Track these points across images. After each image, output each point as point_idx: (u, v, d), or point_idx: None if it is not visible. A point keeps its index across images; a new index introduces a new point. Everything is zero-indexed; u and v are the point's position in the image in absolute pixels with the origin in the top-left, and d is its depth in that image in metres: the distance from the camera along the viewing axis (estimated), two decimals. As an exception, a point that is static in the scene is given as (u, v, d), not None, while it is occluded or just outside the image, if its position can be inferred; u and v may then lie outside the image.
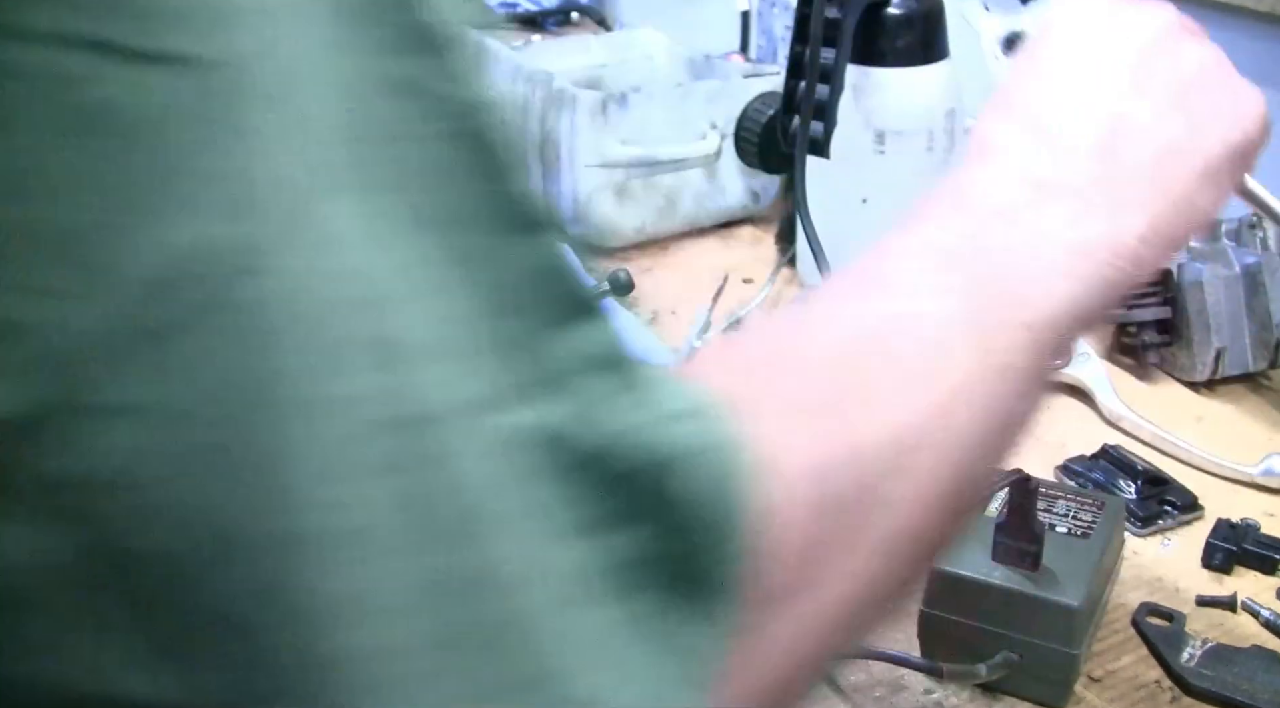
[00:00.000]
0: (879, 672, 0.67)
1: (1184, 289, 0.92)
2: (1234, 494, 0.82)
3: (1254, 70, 1.14)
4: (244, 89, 0.23)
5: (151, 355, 0.22)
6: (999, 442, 0.36)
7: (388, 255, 0.24)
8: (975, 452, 0.34)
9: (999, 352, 0.35)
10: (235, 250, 0.22)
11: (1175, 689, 0.67)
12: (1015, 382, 0.36)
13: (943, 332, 0.35)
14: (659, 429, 0.27)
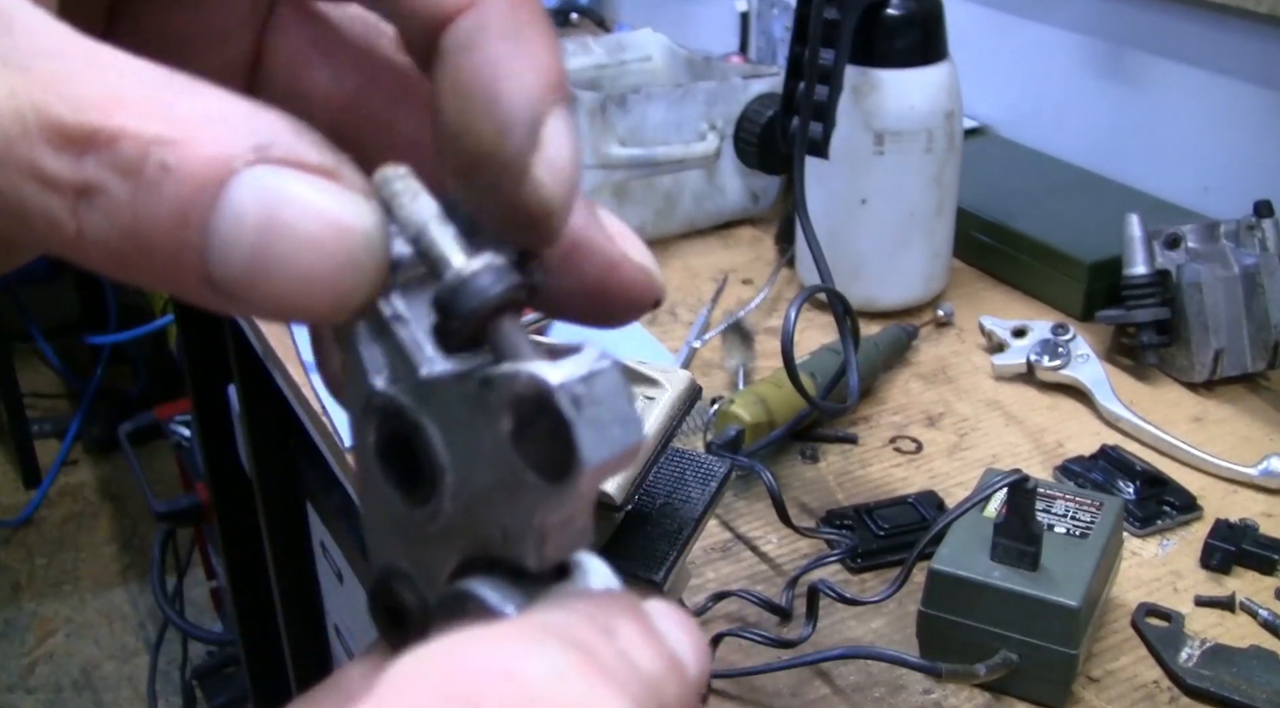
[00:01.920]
0: (878, 672, 0.67)
1: (1183, 290, 0.92)
2: (1232, 495, 0.82)
3: (1254, 71, 1.15)
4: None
5: None
6: None
7: None
8: None
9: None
10: None
11: (1174, 690, 0.67)
12: None
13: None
14: None
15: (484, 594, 0.24)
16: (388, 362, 0.25)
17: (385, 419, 0.25)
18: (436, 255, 0.24)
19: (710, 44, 1.53)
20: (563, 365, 0.22)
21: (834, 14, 0.91)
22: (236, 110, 0.22)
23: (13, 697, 2.27)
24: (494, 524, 0.24)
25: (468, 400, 0.24)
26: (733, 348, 0.96)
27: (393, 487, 0.26)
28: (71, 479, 2.80)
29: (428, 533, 0.25)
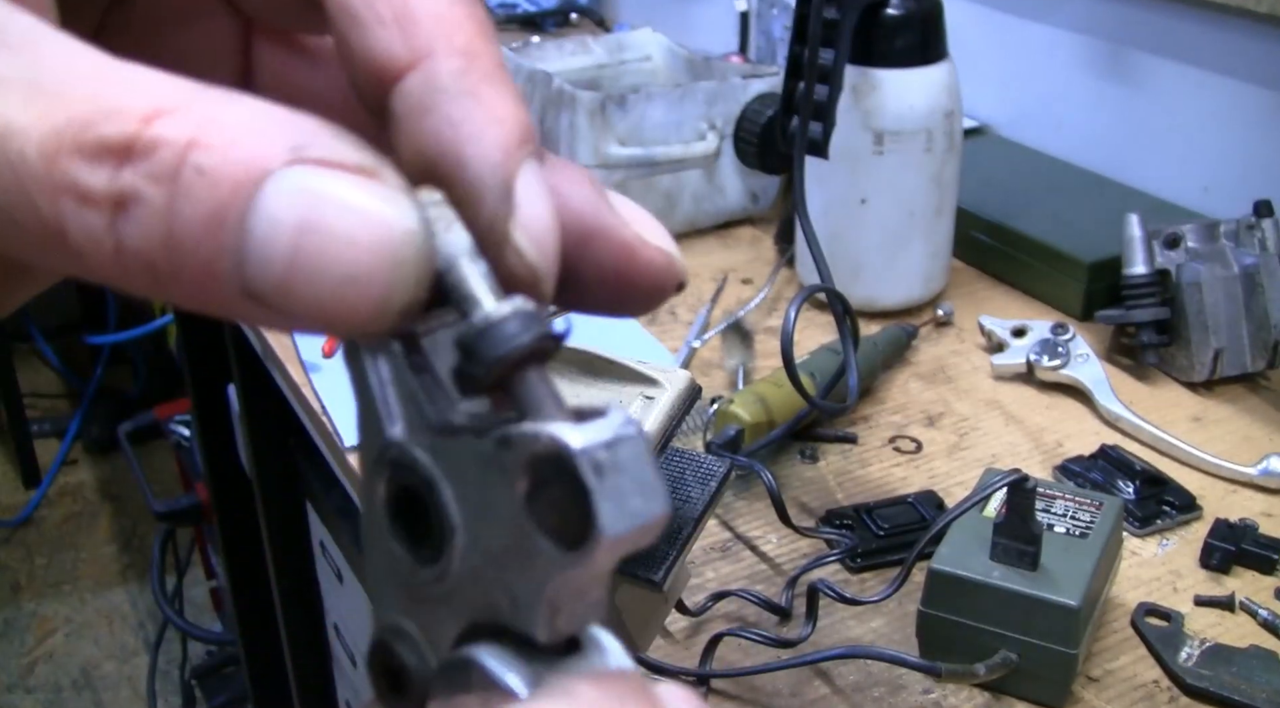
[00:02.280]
0: (878, 672, 0.67)
1: (1182, 290, 0.92)
2: (1232, 494, 0.82)
3: (1254, 71, 1.15)
4: None
5: None
6: None
7: None
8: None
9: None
10: None
11: (1174, 689, 0.67)
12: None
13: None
14: None
15: (488, 665, 0.23)
16: (403, 407, 0.24)
17: (397, 472, 0.24)
18: (465, 293, 0.23)
19: (710, 44, 1.53)
20: (586, 429, 0.21)
21: (833, 14, 0.91)
22: (273, 114, 0.21)
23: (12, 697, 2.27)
24: (504, 590, 0.23)
25: (483, 457, 0.22)
26: (732, 348, 0.96)
27: (400, 543, 0.25)
28: (71, 479, 2.80)
29: (434, 594, 0.24)
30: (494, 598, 0.23)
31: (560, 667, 0.23)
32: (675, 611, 0.69)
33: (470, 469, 0.23)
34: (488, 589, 0.23)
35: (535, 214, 0.24)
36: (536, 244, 0.24)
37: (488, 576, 0.23)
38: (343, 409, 0.89)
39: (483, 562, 0.23)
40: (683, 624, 0.71)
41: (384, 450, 0.24)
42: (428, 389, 0.24)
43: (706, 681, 0.66)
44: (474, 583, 0.23)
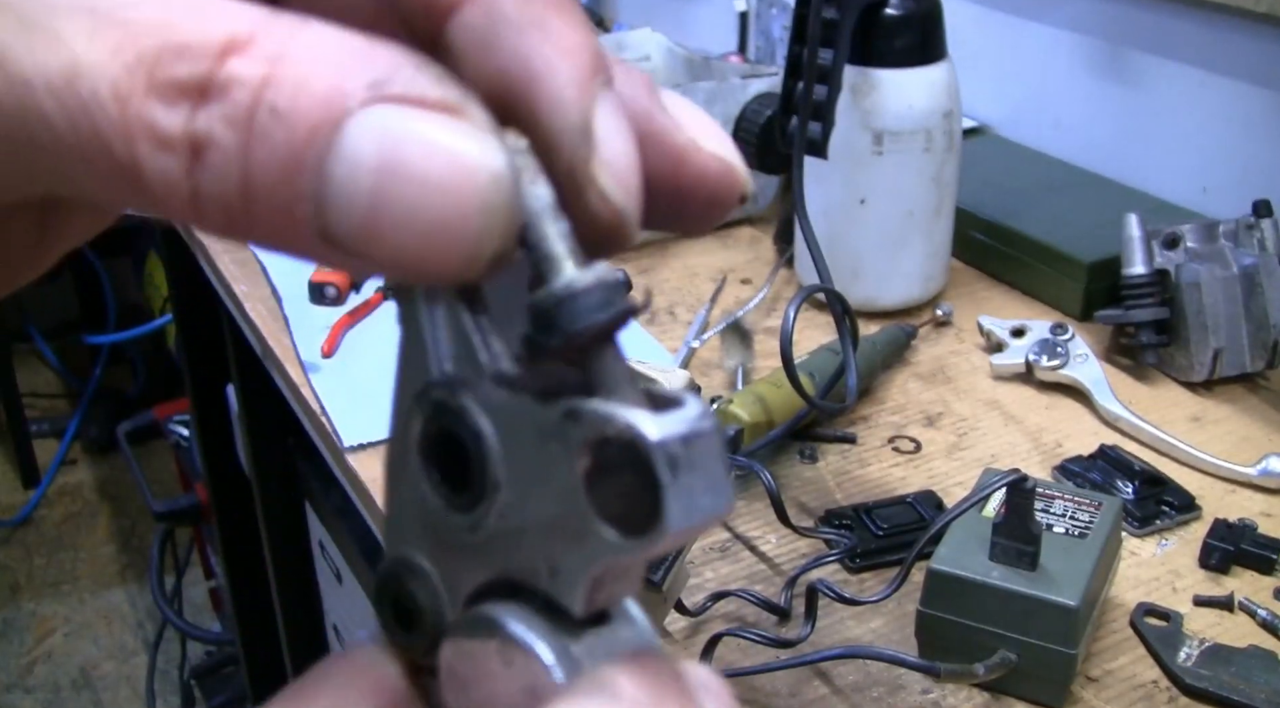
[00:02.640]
0: (877, 672, 0.67)
1: (1182, 290, 0.92)
2: (1231, 494, 0.82)
3: (1254, 71, 1.15)
4: None
5: None
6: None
7: None
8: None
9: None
10: None
11: (1173, 689, 0.67)
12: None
13: None
14: None
15: (518, 632, 0.23)
16: (455, 350, 0.23)
17: (440, 414, 0.23)
18: (546, 253, 0.21)
19: (709, 44, 1.53)
20: (664, 420, 0.20)
21: (833, 14, 0.91)
22: (349, 45, 0.20)
23: (11, 697, 2.27)
24: (544, 557, 0.22)
25: (544, 425, 0.22)
26: (731, 348, 0.96)
27: (432, 485, 0.24)
28: (70, 479, 2.80)
29: (462, 541, 0.24)
30: (531, 561, 0.23)
31: (589, 639, 0.23)
32: (674, 611, 0.69)
33: (525, 431, 0.22)
34: (526, 553, 0.23)
35: (617, 152, 0.22)
36: (621, 185, 0.22)
37: (528, 540, 0.23)
38: (342, 409, 0.89)
39: (524, 524, 0.22)
40: (682, 624, 0.71)
41: (428, 388, 0.23)
42: (485, 336, 0.23)
43: (705, 681, 0.66)
44: (511, 543, 0.23)
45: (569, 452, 0.21)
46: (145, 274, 2.52)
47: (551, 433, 0.21)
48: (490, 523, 0.23)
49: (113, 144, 0.20)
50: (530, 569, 0.23)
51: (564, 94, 0.21)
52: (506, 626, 0.23)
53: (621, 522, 0.21)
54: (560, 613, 0.23)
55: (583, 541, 0.22)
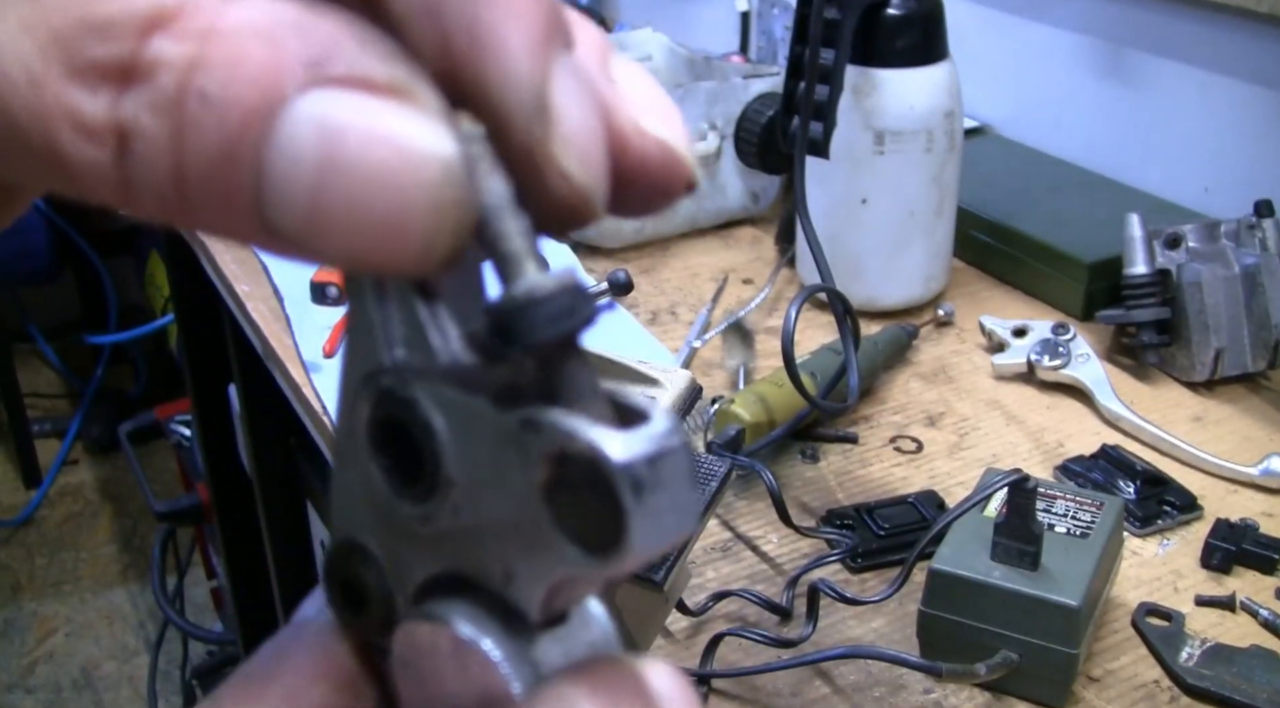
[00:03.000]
0: (878, 672, 0.67)
1: (1183, 290, 0.92)
2: (1233, 494, 0.82)
3: (1254, 71, 1.15)
4: None
5: None
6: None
7: None
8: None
9: None
10: None
11: (1174, 689, 0.67)
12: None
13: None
14: None
15: (473, 636, 0.22)
16: (406, 335, 0.22)
17: (388, 402, 0.22)
18: (504, 252, 0.20)
19: (711, 44, 1.53)
20: (629, 439, 0.19)
21: (834, 14, 0.91)
22: (285, 17, 0.18)
23: (12, 697, 2.27)
24: (498, 560, 0.22)
25: (500, 431, 0.20)
26: (733, 347, 0.96)
27: (383, 472, 0.23)
28: (72, 479, 2.80)
29: (412, 532, 0.23)
30: (485, 562, 0.22)
31: (546, 642, 0.22)
32: (676, 610, 0.69)
33: (481, 432, 0.21)
34: (480, 553, 0.22)
35: (578, 127, 0.20)
36: (583, 163, 0.20)
37: (482, 540, 0.22)
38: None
39: (478, 524, 0.21)
40: (683, 624, 0.71)
41: (376, 374, 0.22)
42: (438, 324, 0.21)
43: (707, 681, 0.66)
44: (464, 541, 0.22)
45: (527, 462, 0.20)
46: (147, 274, 2.53)
47: (509, 439, 0.20)
48: (442, 518, 0.22)
49: (30, 133, 0.18)
50: (484, 570, 0.22)
51: (515, 66, 0.19)
52: (460, 629, 0.22)
53: (582, 539, 0.20)
54: (515, 613, 0.22)
55: (541, 551, 0.21)
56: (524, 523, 0.21)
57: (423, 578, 0.23)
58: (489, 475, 0.21)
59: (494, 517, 0.21)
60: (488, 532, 0.21)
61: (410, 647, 0.23)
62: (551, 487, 0.20)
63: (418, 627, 0.23)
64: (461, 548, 0.22)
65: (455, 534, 0.22)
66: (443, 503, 0.22)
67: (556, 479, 0.20)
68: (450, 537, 0.22)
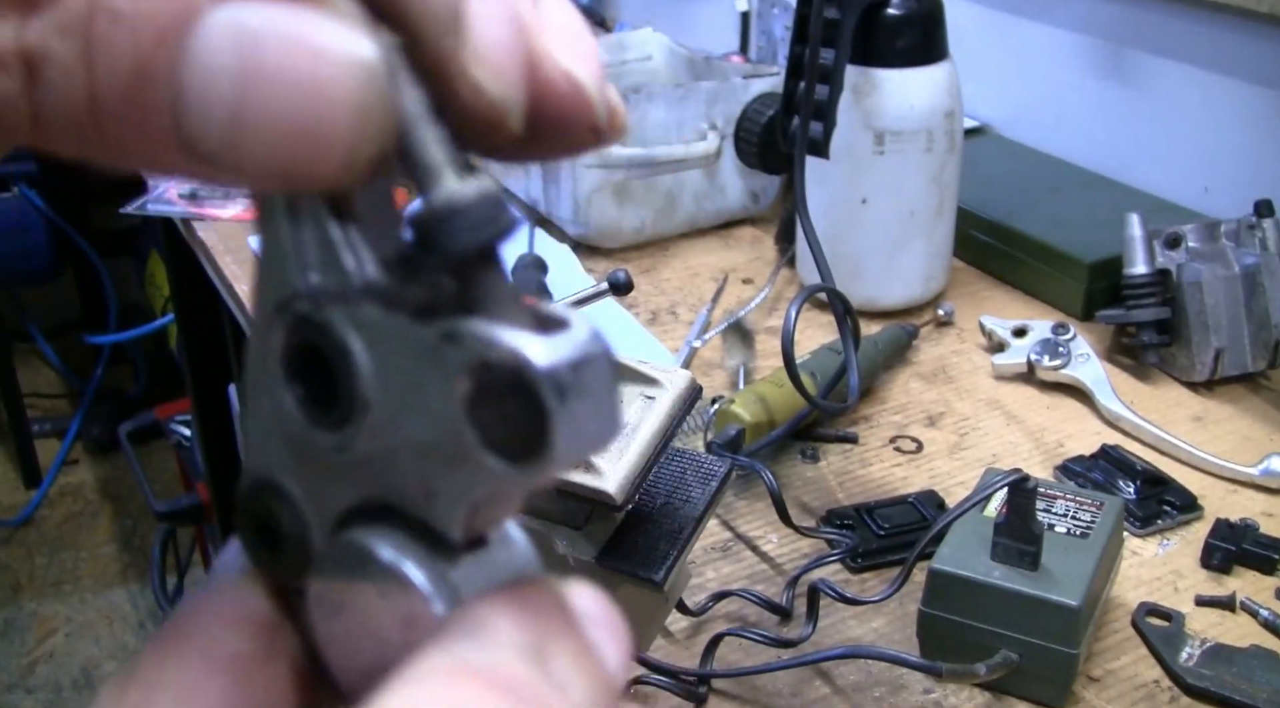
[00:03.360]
0: (878, 672, 0.67)
1: (1183, 289, 0.92)
2: (1233, 494, 0.82)
3: (1254, 71, 1.15)
4: None
5: None
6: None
7: None
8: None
9: None
10: None
11: (1174, 689, 0.67)
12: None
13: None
14: None
15: (393, 560, 0.21)
16: (320, 260, 0.21)
17: (303, 327, 0.22)
18: (423, 163, 0.20)
19: (711, 44, 1.53)
20: (551, 344, 0.19)
21: (834, 14, 0.91)
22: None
23: (12, 697, 2.27)
24: (419, 481, 0.21)
25: (419, 346, 0.20)
26: (733, 347, 0.96)
27: (296, 401, 0.22)
28: (72, 479, 2.80)
29: (329, 461, 0.22)
30: (405, 484, 0.21)
31: (467, 565, 0.22)
32: (676, 610, 0.69)
33: (398, 350, 0.20)
34: (399, 476, 0.21)
35: (491, 40, 0.20)
36: (496, 75, 0.20)
37: (401, 462, 0.21)
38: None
39: (397, 446, 0.21)
40: (683, 624, 0.71)
41: (290, 300, 0.22)
42: (352, 242, 0.21)
43: (707, 681, 0.66)
44: (382, 465, 0.21)
45: (447, 375, 0.20)
46: (147, 274, 2.53)
47: (428, 354, 0.20)
48: (360, 444, 0.22)
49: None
50: (403, 493, 0.21)
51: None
52: (380, 554, 0.21)
53: (504, 449, 0.20)
54: (435, 537, 0.21)
55: (462, 466, 0.20)
56: (444, 440, 0.20)
57: (341, 509, 0.23)
58: (407, 395, 0.21)
59: (413, 437, 0.21)
60: (407, 454, 0.21)
61: (327, 580, 0.23)
62: (473, 398, 0.20)
63: (335, 557, 0.22)
64: (380, 474, 0.22)
65: (373, 460, 0.22)
66: (359, 428, 0.22)
67: (478, 390, 0.20)
68: (368, 463, 0.22)
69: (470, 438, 0.20)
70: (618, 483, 0.50)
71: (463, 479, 0.21)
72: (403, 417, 0.21)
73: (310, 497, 0.23)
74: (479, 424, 0.20)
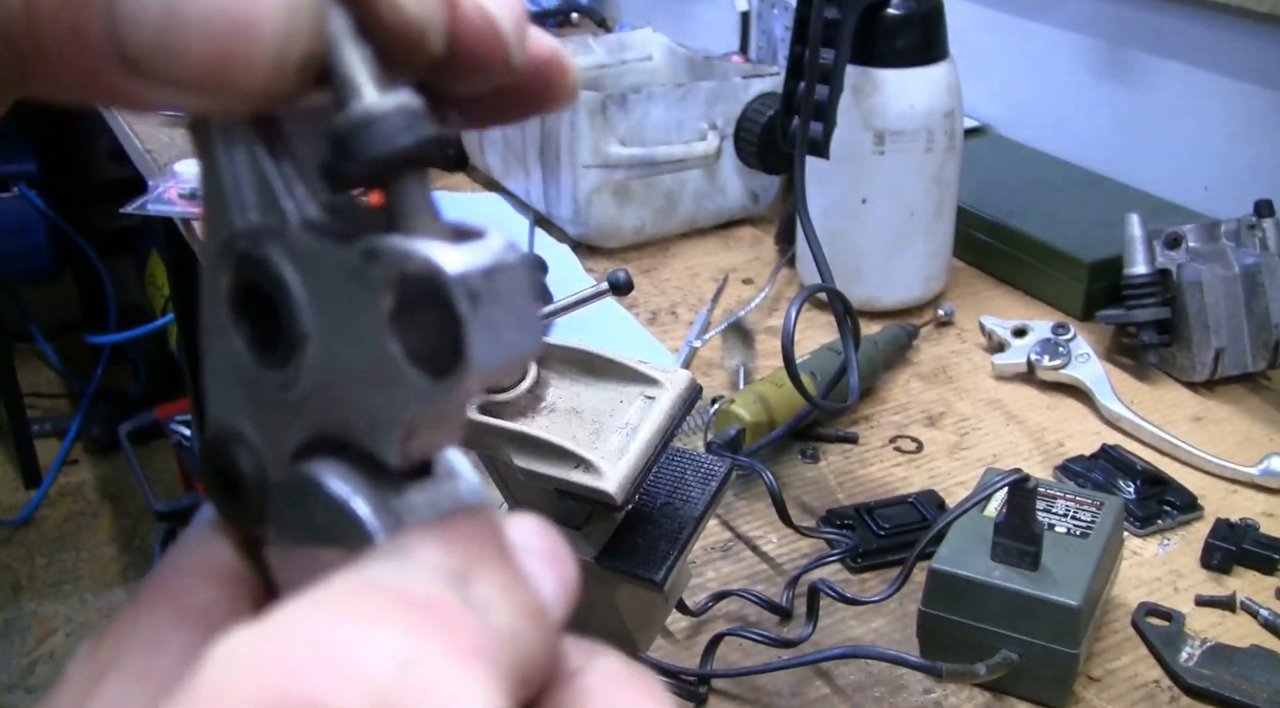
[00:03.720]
0: (879, 672, 0.67)
1: (1183, 289, 0.92)
2: (1233, 494, 0.82)
3: (1254, 71, 1.15)
4: None
5: None
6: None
7: None
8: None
9: None
10: None
11: (1174, 689, 0.67)
12: None
13: None
14: None
15: (334, 488, 0.21)
16: (258, 196, 0.22)
17: (245, 267, 0.22)
18: (345, 78, 0.20)
19: (711, 44, 1.53)
20: (464, 252, 0.19)
21: (834, 14, 0.91)
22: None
23: (13, 697, 2.27)
24: (358, 408, 0.21)
25: (347, 268, 0.20)
26: (733, 347, 0.96)
27: (244, 342, 0.23)
28: (72, 479, 2.80)
29: (278, 400, 0.22)
30: (346, 415, 0.22)
31: (412, 495, 0.22)
32: (676, 610, 0.69)
33: (330, 277, 0.21)
34: (340, 405, 0.22)
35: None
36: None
37: (341, 391, 0.21)
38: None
39: (337, 376, 0.21)
40: (683, 624, 0.71)
41: (231, 241, 0.22)
42: (288, 180, 0.21)
43: (707, 681, 0.66)
44: (325, 396, 0.22)
45: (372, 293, 0.20)
46: (147, 274, 2.53)
47: (354, 275, 0.20)
48: (304, 378, 0.22)
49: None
50: (347, 424, 0.22)
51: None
52: (325, 483, 0.22)
53: (427, 362, 0.20)
54: (383, 469, 0.21)
55: (393, 387, 0.20)
56: (376, 361, 0.21)
57: (293, 447, 0.23)
58: (341, 321, 0.21)
59: (350, 364, 0.21)
60: (347, 383, 0.21)
61: (280, 518, 0.23)
62: (396, 314, 0.20)
63: (287, 494, 0.22)
64: (326, 407, 0.22)
65: (318, 394, 0.22)
66: (302, 362, 0.22)
67: (399, 305, 0.20)
68: (314, 398, 0.22)
69: (396, 355, 0.20)
70: (618, 483, 0.50)
71: (395, 400, 0.21)
72: (339, 344, 0.21)
73: (266, 440, 0.23)
74: (404, 340, 0.20)
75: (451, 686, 0.17)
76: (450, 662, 0.18)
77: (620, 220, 1.15)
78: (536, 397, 0.54)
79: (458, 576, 0.19)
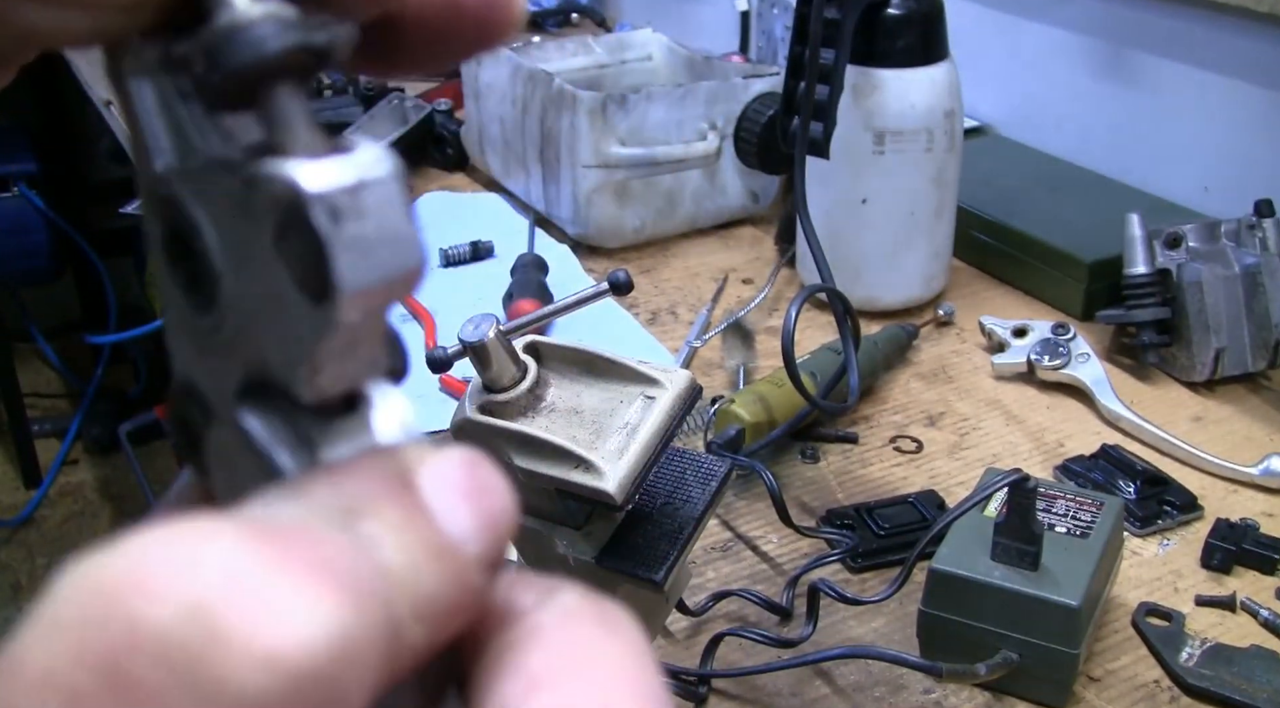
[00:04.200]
0: (879, 672, 0.67)
1: (1184, 289, 0.92)
2: (1233, 494, 0.82)
3: (1254, 71, 1.15)
4: None
5: None
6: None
7: None
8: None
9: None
10: None
11: (1174, 689, 0.67)
12: None
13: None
14: None
15: (254, 431, 0.21)
16: (171, 138, 0.21)
17: (165, 210, 0.22)
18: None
19: (711, 44, 1.53)
20: (326, 167, 0.19)
21: (834, 13, 0.91)
22: None
23: (13, 697, 2.27)
24: (272, 345, 0.21)
25: (237, 198, 0.20)
26: (733, 347, 0.96)
27: (179, 289, 0.22)
28: (72, 479, 2.80)
29: (213, 344, 0.22)
30: (264, 353, 0.21)
31: (329, 434, 0.21)
32: (676, 610, 0.69)
33: (230, 212, 0.20)
34: (257, 343, 0.21)
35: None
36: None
37: (256, 329, 0.21)
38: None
39: (250, 313, 0.21)
40: (683, 624, 0.71)
41: (152, 187, 0.22)
42: (197, 118, 0.21)
43: (707, 681, 0.66)
44: (245, 336, 0.21)
45: (257, 221, 0.19)
46: (147, 274, 2.53)
47: (242, 206, 0.20)
48: (226, 320, 0.21)
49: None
50: (266, 363, 0.21)
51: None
52: (246, 426, 0.21)
53: (307, 286, 0.19)
54: (306, 409, 0.21)
55: (289, 316, 0.20)
56: (275, 294, 0.20)
57: (230, 394, 0.22)
58: (244, 256, 0.20)
59: (257, 299, 0.21)
60: (258, 319, 0.21)
61: (220, 464, 0.22)
62: (277, 240, 0.19)
63: (222, 444, 0.22)
64: (247, 347, 0.21)
65: (240, 334, 0.21)
66: (220, 304, 0.21)
67: (279, 229, 0.19)
68: (238, 338, 0.21)
69: (284, 281, 0.20)
70: (618, 483, 0.50)
71: (293, 331, 0.20)
72: (246, 279, 0.20)
73: (209, 387, 0.23)
74: (288, 266, 0.19)
75: (278, 600, 0.17)
76: (285, 578, 0.17)
77: (620, 220, 1.15)
78: (536, 397, 0.54)
79: (344, 512, 0.19)
